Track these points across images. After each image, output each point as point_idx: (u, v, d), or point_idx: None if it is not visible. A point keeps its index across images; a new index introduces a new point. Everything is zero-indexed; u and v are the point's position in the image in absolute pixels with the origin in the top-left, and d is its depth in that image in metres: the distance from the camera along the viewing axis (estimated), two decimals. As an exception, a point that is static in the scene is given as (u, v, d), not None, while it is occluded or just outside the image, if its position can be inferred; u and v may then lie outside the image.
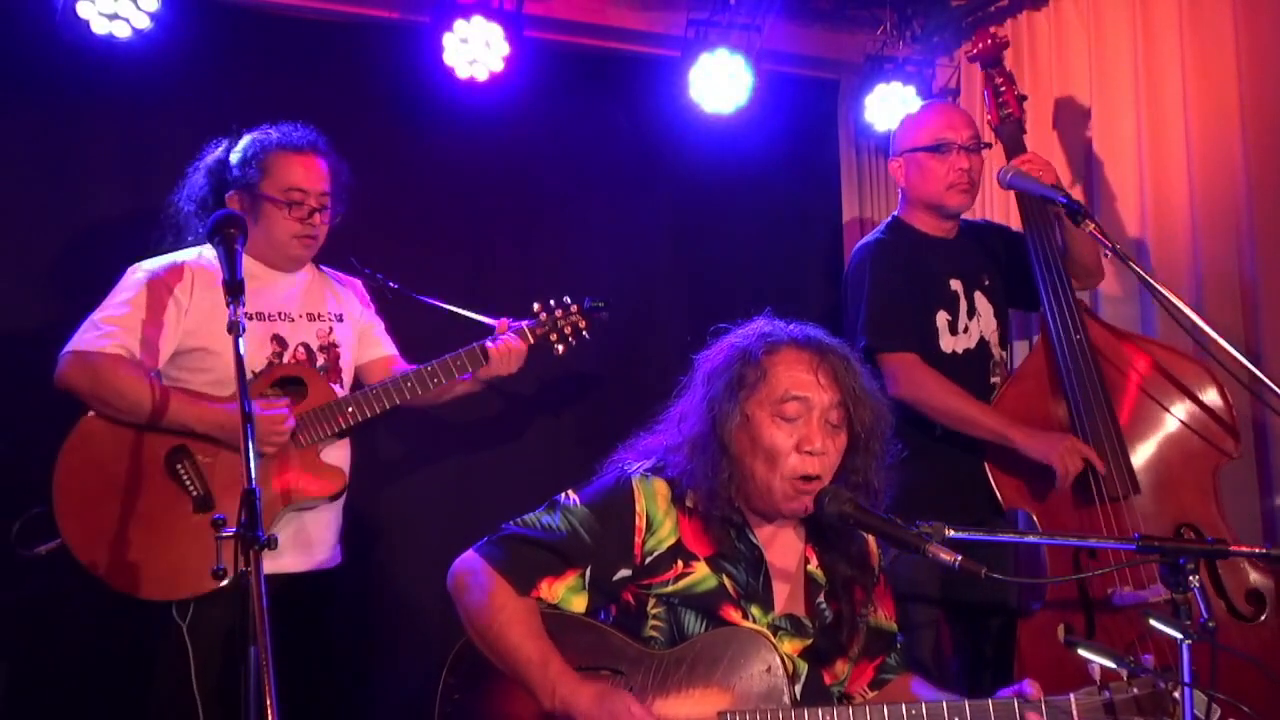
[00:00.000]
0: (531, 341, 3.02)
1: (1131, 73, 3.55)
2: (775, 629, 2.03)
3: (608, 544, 2.02)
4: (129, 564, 2.55)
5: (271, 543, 1.80)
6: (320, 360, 2.89)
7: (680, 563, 2.03)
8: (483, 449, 3.81)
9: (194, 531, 2.59)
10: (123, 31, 3.24)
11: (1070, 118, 3.77)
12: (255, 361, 2.77)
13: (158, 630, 2.62)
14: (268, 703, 1.64)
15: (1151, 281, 2.68)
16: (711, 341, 2.14)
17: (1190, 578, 1.77)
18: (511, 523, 2.08)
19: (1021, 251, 3.11)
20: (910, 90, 4.01)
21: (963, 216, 3.30)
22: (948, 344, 3.10)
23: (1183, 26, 3.38)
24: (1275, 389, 2.57)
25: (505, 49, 3.56)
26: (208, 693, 2.56)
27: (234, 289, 2.12)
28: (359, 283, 3.13)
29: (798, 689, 1.99)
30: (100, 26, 3.22)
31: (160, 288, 2.72)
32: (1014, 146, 3.22)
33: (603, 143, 4.06)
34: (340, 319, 2.98)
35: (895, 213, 3.31)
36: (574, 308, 3.11)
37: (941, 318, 3.11)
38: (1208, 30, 3.32)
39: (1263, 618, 2.69)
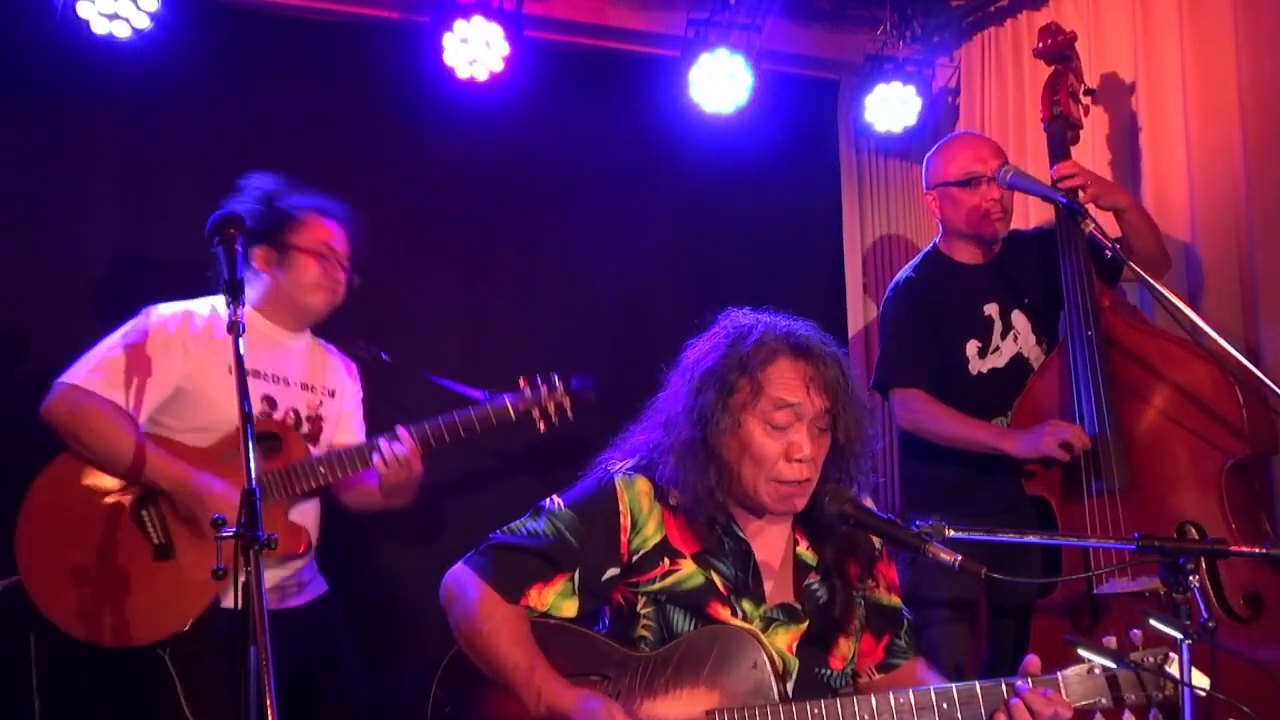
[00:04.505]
0: (513, 418, 2.96)
1: (1131, 72, 3.55)
2: (769, 621, 2.03)
3: (594, 545, 2.02)
4: (85, 610, 2.52)
5: (271, 542, 1.79)
6: (305, 429, 2.88)
7: (667, 560, 2.03)
8: (480, 456, 3.79)
9: (150, 577, 2.57)
10: (123, 31, 3.25)
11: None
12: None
13: (138, 668, 2.55)
14: (268, 703, 1.64)
15: (1151, 281, 2.68)
16: (702, 334, 2.12)
17: (1190, 577, 1.77)
18: (498, 532, 2.08)
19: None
20: (910, 90, 4.01)
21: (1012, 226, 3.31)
22: (975, 367, 3.18)
23: (1183, 26, 3.38)
24: (1275, 389, 2.56)
25: (505, 49, 3.57)
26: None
27: (234, 289, 2.11)
28: (351, 363, 3.11)
29: (789, 685, 1.99)
30: (100, 26, 3.23)
31: (165, 337, 2.69)
32: (1057, 148, 3.17)
33: (603, 143, 4.06)
34: (333, 395, 2.98)
35: (935, 241, 3.35)
36: (560, 387, 3.01)
37: (971, 346, 3.17)
38: (1208, 30, 3.31)
39: (1259, 620, 2.67)
